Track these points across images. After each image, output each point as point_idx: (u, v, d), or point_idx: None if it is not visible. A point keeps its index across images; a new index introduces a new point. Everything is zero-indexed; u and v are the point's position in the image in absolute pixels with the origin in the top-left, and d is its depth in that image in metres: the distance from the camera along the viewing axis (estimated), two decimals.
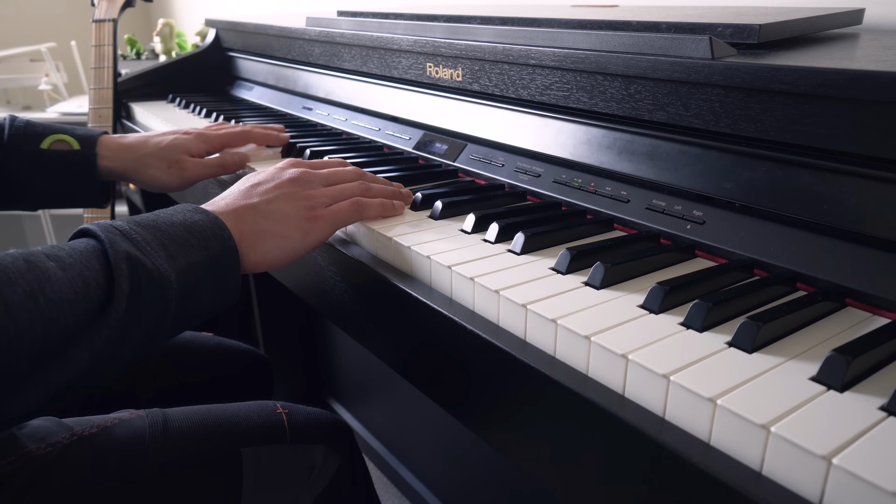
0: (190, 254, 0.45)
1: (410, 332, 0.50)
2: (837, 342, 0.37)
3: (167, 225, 0.46)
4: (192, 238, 0.46)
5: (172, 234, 0.46)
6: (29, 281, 0.37)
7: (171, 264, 0.44)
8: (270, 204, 0.53)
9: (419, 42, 0.75)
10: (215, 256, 0.47)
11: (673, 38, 0.51)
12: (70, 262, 0.40)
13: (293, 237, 0.52)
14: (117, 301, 0.40)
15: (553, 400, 0.37)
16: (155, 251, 0.43)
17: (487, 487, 1.11)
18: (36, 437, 0.52)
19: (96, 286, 0.40)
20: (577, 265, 0.46)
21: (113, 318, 0.40)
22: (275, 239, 0.51)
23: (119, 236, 0.43)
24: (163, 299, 0.43)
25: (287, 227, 0.52)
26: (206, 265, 0.46)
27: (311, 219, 0.53)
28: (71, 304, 0.38)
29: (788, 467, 0.29)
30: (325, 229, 0.54)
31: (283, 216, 0.52)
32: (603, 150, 0.57)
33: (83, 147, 0.73)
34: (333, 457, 0.63)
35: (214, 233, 0.48)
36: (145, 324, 0.42)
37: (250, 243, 0.50)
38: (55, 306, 0.37)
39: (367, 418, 1.48)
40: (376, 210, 0.57)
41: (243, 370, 0.86)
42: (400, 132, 0.80)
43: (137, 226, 0.45)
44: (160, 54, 2.07)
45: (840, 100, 0.41)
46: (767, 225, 0.45)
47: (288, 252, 0.52)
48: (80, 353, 0.39)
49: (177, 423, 0.57)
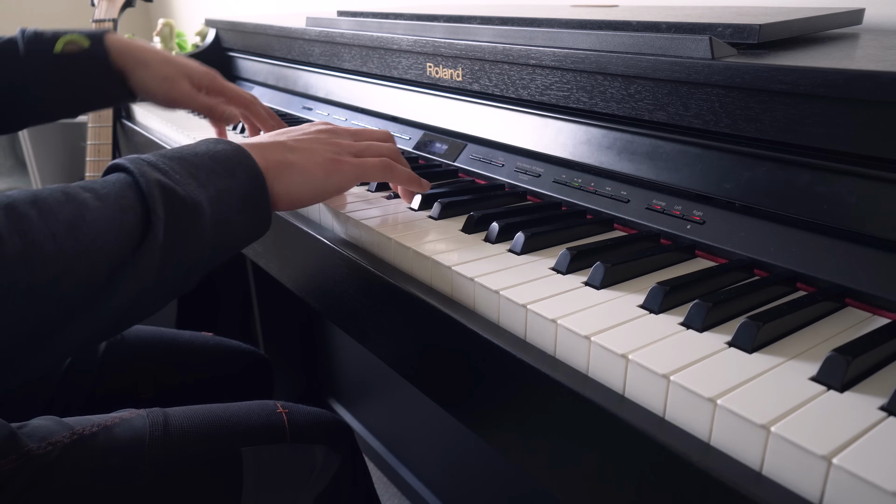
0: (219, 181, 0.46)
1: (410, 332, 0.50)
2: (837, 342, 0.37)
3: (192, 155, 0.47)
4: (218, 166, 0.47)
5: (198, 164, 0.46)
6: (70, 211, 0.38)
7: (202, 192, 0.44)
8: (298, 142, 0.54)
9: (419, 42, 0.75)
10: (243, 183, 0.47)
11: (673, 38, 0.51)
12: (105, 193, 0.40)
13: (317, 174, 0.52)
14: (154, 227, 0.40)
15: (553, 400, 0.37)
16: (185, 179, 0.44)
17: (487, 487, 1.11)
18: (36, 436, 0.52)
19: (133, 214, 0.40)
20: (577, 265, 0.46)
21: (153, 245, 0.40)
22: (299, 173, 0.51)
23: (148, 167, 0.43)
24: (198, 225, 0.43)
25: (312, 164, 0.52)
26: (235, 192, 0.47)
27: (336, 161, 0.54)
28: (111, 232, 0.39)
29: (788, 467, 0.29)
30: (350, 173, 0.54)
31: (310, 153, 0.53)
32: (603, 150, 0.57)
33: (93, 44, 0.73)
34: (334, 457, 0.63)
35: (240, 161, 0.48)
36: (184, 251, 0.42)
37: (275, 173, 0.50)
38: (97, 235, 0.38)
39: (367, 418, 1.48)
40: (404, 176, 0.57)
41: (243, 370, 0.87)
42: (400, 132, 0.80)
43: (164, 157, 0.45)
44: None
45: (840, 100, 0.41)
46: (767, 225, 0.45)
47: (310, 189, 0.52)
48: (126, 282, 0.39)
49: (177, 423, 0.57)
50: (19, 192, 0.38)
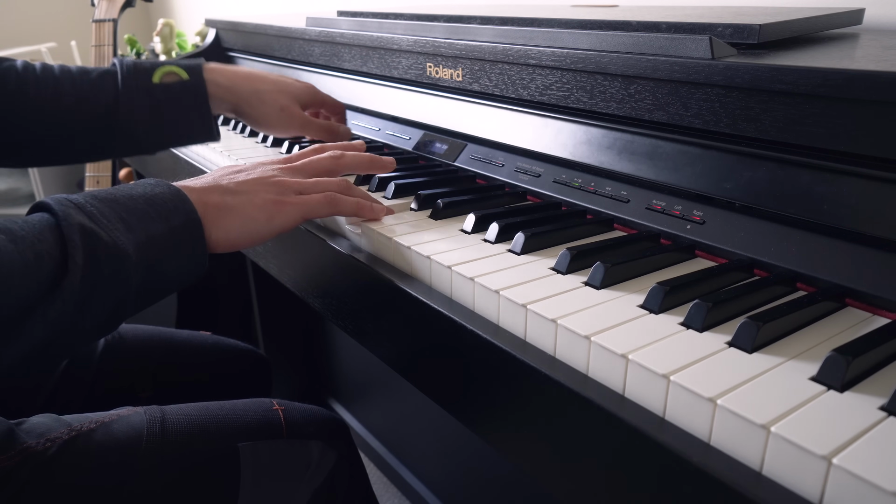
0: (150, 226, 0.45)
1: (410, 332, 0.50)
2: (837, 342, 0.37)
3: (126, 198, 0.46)
4: (152, 210, 0.46)
5: (131, 207, 0.45)
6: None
7: (130, 237, 0.43)
8: (239, 185, 0.52)
9: (419, 42, 0.75)
10: (177, 228, 0.46)
11: (673, 38, 0.51)
12: (22, 235, 0.39)
13: (258, 219, 0.51)
14: (71, 274, 0.39)
15: (553, 400, 0.37)
16: (112, 224, 0.43)
17: (488, 487, 1.11)
18: (35, 433, 0.52)
19: (49, 259, 0.39)
20: (577, 265, 0.46)
21: (68, 292, 0.39)
22: (239, 218, 0.50)
23: (73, 209, 0.42)
24: (122, 272, 0.42)
25: (252, 208, 0.51)
26: (168, 237, 0.46)
27: (278, 203, 0.52)
28: (21, 276, 0.38)
29: (788, 467, 0.29)
30: (293, 215, 0.53)
31: (250, 196, 0.52)
32: (603, 150, 0.57)
33: (192, 76, 0.72)
34: (330, 453, 0.63)
35: (176, 205, 0.47)
36: (105, 297, 0.42)
37: (213, 219, 0.49)
38: (4, 279, 0.37)
39: (367, 418, 1.48)
40: (351, 207, 0.56)
41: (242, 369, 0.87)
42: (400, 132, 0.80)
43: (94, 199, 0.44)
44: (160, 54, 2.07)
45: (840, 100, 0.41)
46: (767, 225, 0.45)
47: (251, 233, 0.51)
48: (35, 326, 0.38)
49: (174, 420, 0.57)
50: None
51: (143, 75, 0.70)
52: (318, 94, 0.81)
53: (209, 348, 0.84)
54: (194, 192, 0.50)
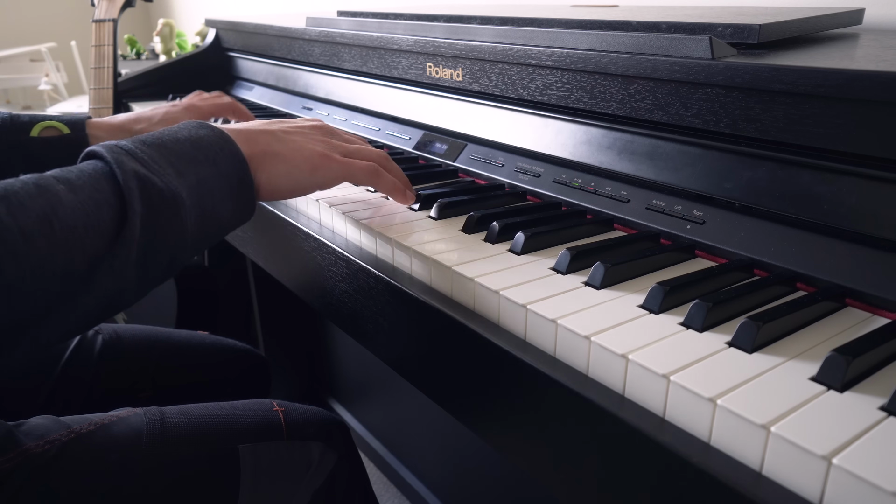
0: (199, 169, 0.45)
1: (410, 332, 0.50)
2: (837, 342, 0.37)
3: (173, 142, 0.46)
4: (199, 153, 0.46)
5: (179, 151, 0.45)
6: (41, 205, 0.37)
7: (181, 181, 0.43)
8: (286, 134, 0.53)
9: (419, 42, 0.75)
10: (225, 170, 0.47)
11: (673, 38, 0.51)
12: (80, 185, 0.39)
13: (302, 168, 0.51)
14: (131, 222, 0.40)
15: (553, 400, 0.37)
16: (163, 169, 0.43)
17: (488, 487, 1.11)
18: (34, 434, 0.52)
19: (108, 208, 0.39)
20: (577, 265, 0.46)
21: (130, 239, 0.40)
22: (284, 164, 0.51)
23: (126, 156, 0.42)
24: (177, 217, 0.42)
25: (298, 157, 0.51)
26: (217, 180, 0.46)
27: (324, 156, 0.53)
28: (85, 228, 0.38)
29: (788, 467, 0.29)
30: (336, 171, 0.53)
31: (298, 146, 0.52)
32: (603, 150, 0.57)
33: (73, 131, 0.73)
34: (330, 454, 0.63)
35: (222, 147, 0.47)
36: (164, 242, 0.42)
37: (259, 162, 0.49)
38: (69, 231, 0.37)
39: (367, 418, 1.48)
40: (389, 185, 0.57)
41: (240, 369, 0.87)
42: (400, 132, 0.80)
43: (143, 144, 0.44)
44: (160, 54, 2.07)
45: (840, 100, 0.41)
46: (767, 225, 0.45)
47: (293, 181, 0.51)
48: (104, 276, 0.39)
49: (174, 421, 0.57)
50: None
51: (19, 129, 0.71)
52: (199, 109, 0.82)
53: (208, 348, 0.84)
54: (241, 135, 0.50)
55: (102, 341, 0.77)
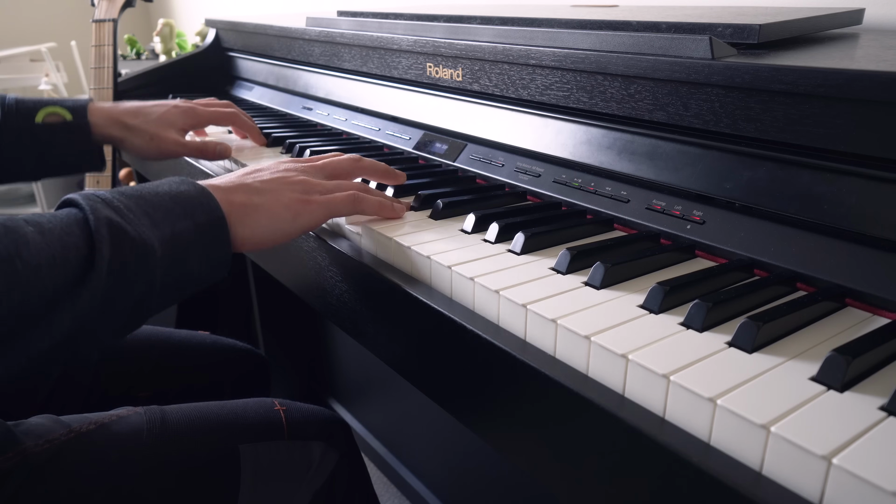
0: (175, 222, 0.45)
1: (410, 332, 0.50)
2: (837, 342, 0.37)
3: (152, 195, 0.46)
4: (178, 207, 0.46)
5: (157, 203, 0.45)
6: (6, 245, 0.37)
7: (155, 232, 0.44)
8: (264, 184, 0.53)
9: (419, 42, 0.75)
10: (202, 226, 0.47)
11: (673, 38, 0.51)
12: (49, 228, 0.40)
13: (283, 217, 0.52)
14: (98, 267, 0.40)
15: (553, 400, 0.37)
16: (138, 219, 0.43)
17: (488, 487, 1.11)
18: (34, 434, 0.52)
19: (76, 252, 0.40)
20: (577, 265, 0.46)
21: (95, 285, 0.40)
22: (264, 215, 0.51)
23: (101, 204, 0.42)
24: (147, 267, 0.42)
25: (278, 206, 0.51)
26: (193, 234, 0.46)
27: (304, 202, 0.53)
28: (49, 268, 0.38)
29: (788, 467, 0.29)
30: (318, 213, 0.53)
31: (276, 195, 0.52)
32: (603, 150, 0.57)
33: (76, 117, 0.75)
34: (331, 453, 0.63)
35: (201, 202, 0.47)
36: (130, 292, 0.42)
37: (239, 217, 0.49)
38: (32, 270, 0.37)
39: (367, 418, 1.48)
40: (373, 206, 0.56)
41: (241, 369, 0.87)
42: (400, 132, 0.80)
43: (121, 195, 0.45)
44: (160, 54, 2.07)
45: (840, 100, 0.41)
46: (767, 225, 0.45)
47: (277, 231, 0.51)
48: (62, 319, 0.39)
49: (174, 420, 0.57)
50: None
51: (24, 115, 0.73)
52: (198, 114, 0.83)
53: (208, 348, 0.84)
54: (219, 190, 0.50)
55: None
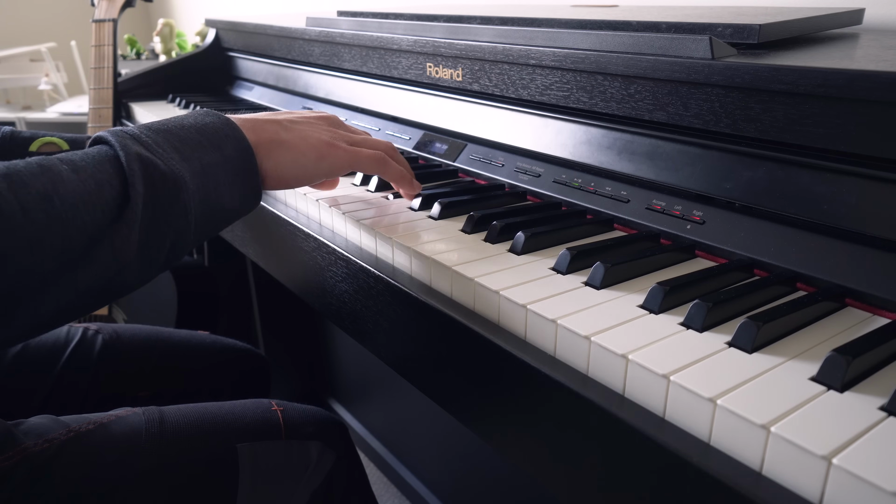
0: (204, 155, 0.45)
1: (410, 332, 0.50)
2: (837, 342, 0.37)
3: (178, 128, 0.46)
4: (205, 139, 0.46)
5: (184, 137, 0.46)
6: (43, 183, 0.38)
7: (185, 165, 0.44)
8: (293, 123, 0.53)
9: (419, 42, 0.75)
10: (231, 157, 0.47)
11: (673, 38, 0.51)
12: (82, 165, 0.40)
13: (308, 155, 0.52)
14: (133, 202, 0.40)
15: (553, 400, 0.37)
16: (167, 153, 0.44)
17: (488, 487, 1.11)
18: (33, 433, 0.52)
19: (110, 188, 0.40)
20: (577, 265, 0.46)
21: (131, 219, 0.40)
22: (290, 152, 0.51)
23: (130, 140, 0.43)
24: (180, 200, 0.43)
25: (305, 145, 0.52)
26: (222, 166, 0.46)
27: (330, 145, 0.53)
28: (85, 203, 0.39)
29: (788, 467, 0.29)
30: (342, 159, 0.54)
31: (304, 134, 0.53)
32: (603, 150, 0.57)
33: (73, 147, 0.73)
34: (329, 453, 0.63)
35: (227, 134, 0.48)
36: (166, 225, 0.42)
37: (266, 150, 0.50)
38: (70, 207, 0.38)
39: (367, 418, 1.48)
40: (396, 173, 0.57)
41: (241, 369, 0.87)
42: (400, 132, 0.80)
43: (149, 130, 0.45)
44: (160, 54, 2.07)
45: (840, 100, 0.41)
46: (767, 225, 0.45)
47: (300, 169, 0.52)
48: (103, 254, 0.39)
49: (173, 420, 0.57)
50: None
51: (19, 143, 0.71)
52: None
53: (207, 348, 0.84)
54: (247, 123, 0.50)
55: (102, 341, 0.77)
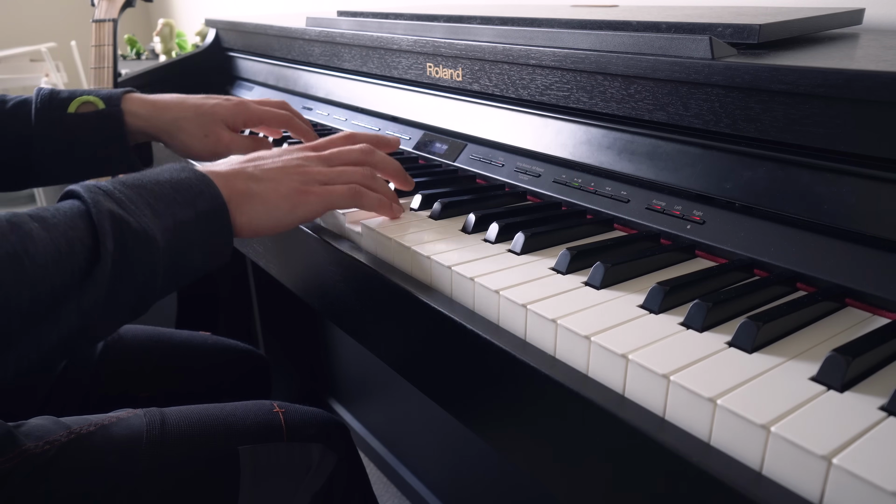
0: (177, 211, 0.45)
1: (410, 332, 0.50)
2: (837, 342, 0.37)
3: (153, 183, 0.46)
4: (179, 196, 0.46)
5: (158, 193, 0.45)
6: (12, 243, 0.37)
7: (157, 223, 0.44)
8: (264, 172, 0.52)
9: (419, 42, 0.75)
10: (203, 214, 0.47)
11: (673, 38, 0.51)
12: (54, 223, 0.40)
13: (281, 206, 0.51)
14: (103, 261, 0.40)
15: (553, 400, 0.37)
16: (140, 210, 0.43)
17: (488, 487, 1.11)
18: (34, 435, 0.52)
19: (81, 246, 0.40)
20: (577, 265, 0.46)
21: (100, 278, 0.40)
22: (262, 204, 0.50)
23: (103, 196, 0.42)
24: (150, 258, 0.42)
25: (276, 196, 0.51)
26: (194, 223, 0.46)
27: (302, 192, 0.52)
28: (56, 264, 0.38)
29: (788, 467, 0.29)
30: (316, 206, 0.53)
31: (275, 184, 0.52)
32: (603, 150, 0.57)
33: (108, 105, 0.70)
34: (330, 455, 0.63)
35: (201, 190, 0.47)
36: (134, 283, 0.42)
37: (238, 204, 0.49)
38: (40, 267, 0.37)
39: (367, 418, 1.48)
40: (373, 203, 0.56)
41: (241, 370, 0.87)
42: (400, 132, 0.80)
43: (122, 185, 0.44)
44: (160, 54, 2.07)
45: (840, 100, 0.41)
46: (767, 225, 0.45)
47: (273, 221, 0.51)
48: (70, 314, 0.39)
49: (174, 422, 0.57)
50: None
51: (57, 106, 0.69)
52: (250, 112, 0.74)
53: (208, 349, 0.84)
54: (220, 176, 0.50)
55: (103, 342, 0.77)
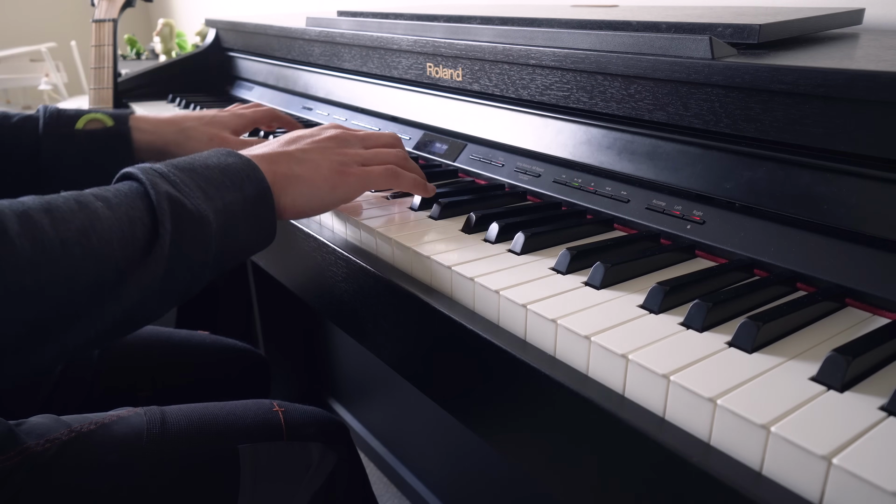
0: (226, 194, 0.47)
1: (410, 332, 0.50)
2: (837, 342, 0.37)
3: (203, 167, 0.48)
4: (227, 179, 0.48)
5: (208, 176, 0.47)
6: (81, 220, 0.39)
7: (209, 205, 0.46)
8: (304, 153, 0.55)
9: (419, 42, 0.75)
10: (250, 197, 0.49)
11: (673, 38, 0.51)
12: (116, 203, 0.42)
13: (322, 187, 0.53)
14: (161, 239, 0.42)
15: (553, 400, 0.37)
16: (193, 192, 0.45)
17: (488, 487, 1.11)
18: (35, 433, 0.52)
19: (141, 225, 0.42)
20: (577, 265, 0.46)
21: (159, 256, 0.42)
22: (305, 185, 0.52)
23: (159, 178, 0.44)
24: (203, 238, 0.45)
25: (317, 177, 0.53)
26: (242, 205, 0.48)
27: (341, 173, 0.54)
28: (119, 241, 0.40)
29: (788, 467, 0.29)
30: (355, 186, 0.55)
31: (315, 165, 0.54)
32: (603, 150, 0.57)
33: (116, 123, 0.73)
34: (330, 455, 0.63)
35: (248, 174, 0.49)
36: (189, 262, 0.44)
37: (281, 186, 0.51)
38: (106, 243, 0.40)
39: (367, 418, 1.48)
40: (409, 182, 0.58)
41: (241, 369, 0.87)
42: (400, 132, 0.80)
43: (175, 168, 0.46)
44: (160, 54, 2.07)
45: (840, 100, 0.41)
46: (767, 225, 0.45)
47: (315, 201, 0.53)
48: (131, 290, 0.41)
49: (174, 421, 0.57)
50: (34, 200, 0.39)
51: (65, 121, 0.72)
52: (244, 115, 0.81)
53: (208, 348, 0.84)
54: (263, 160, 0.52)
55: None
